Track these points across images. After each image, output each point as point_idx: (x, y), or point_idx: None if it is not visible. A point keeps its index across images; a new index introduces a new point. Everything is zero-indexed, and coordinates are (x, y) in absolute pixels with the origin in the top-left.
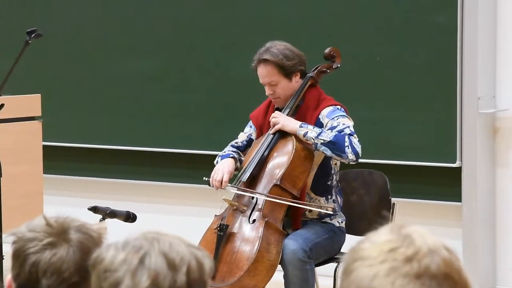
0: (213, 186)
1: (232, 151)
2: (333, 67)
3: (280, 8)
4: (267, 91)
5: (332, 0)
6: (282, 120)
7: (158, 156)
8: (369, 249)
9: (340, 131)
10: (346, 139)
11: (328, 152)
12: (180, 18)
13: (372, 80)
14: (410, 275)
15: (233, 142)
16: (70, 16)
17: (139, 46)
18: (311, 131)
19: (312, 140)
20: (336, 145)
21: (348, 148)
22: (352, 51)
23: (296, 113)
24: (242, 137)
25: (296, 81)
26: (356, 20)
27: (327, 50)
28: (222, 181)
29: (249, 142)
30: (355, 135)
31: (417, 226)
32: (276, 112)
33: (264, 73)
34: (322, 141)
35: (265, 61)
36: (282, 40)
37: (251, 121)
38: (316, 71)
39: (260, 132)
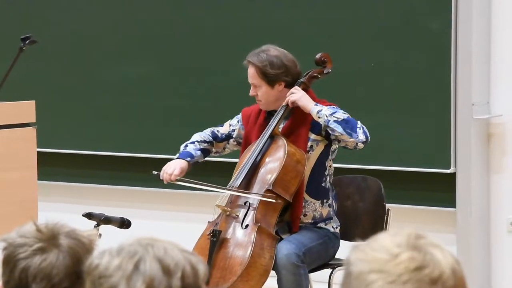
0: (162, 179)
1: (201, 145)
2: (324, 72)
3: (275, 13)
4: (251, 91)
5: (326, 6)
6: (299, 95)
7: (153, 162)
8: (390, 263)
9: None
10: (359, 123)
11: (339, 129)
12: (174, 24)
13: (366, 86)
14: None
15: (215, 129)
16: (64, 22)
17: (133, 52)
18: (326, 109)
19: (325, 117)
20: (349, 123)
21: (360, 129)
22: (346, 57)
23: (290, 117)
24: (225, 129)
25: (279, 90)
26: (350, 26)
27: (318, 56)
28: (172, 174)
29: (228, 137)
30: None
31: (430, 237)
32: (297, 87)
33: (249, 73)
34: (335, 118)
35: (251, 63)
36: (278, 44)
37: (241, 116)
38: (307, 76)
39: (246, 136)
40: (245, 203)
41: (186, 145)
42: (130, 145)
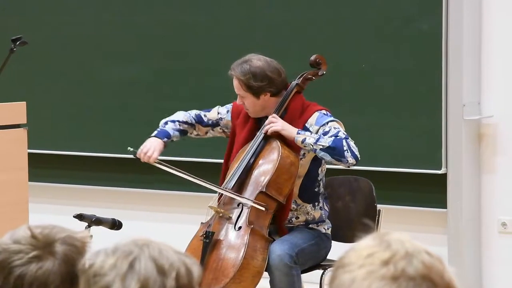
0: (138, 157)
1: (180, 126)
2: (319, 74)
3: (266, 15)
4: (238, 100)
5: (317, 7)
6: (281, 123)
7: (144, 163)
8: (350, 256)
9: (335, 136)
10: (344, 143)
11: (328, 158)
12: (166, 25)
13: (357, 87)
14: (387, 278)
15: (202, 113)
16: (55, 23)
17: (125, 53)
18: (309, 137)
19: (311, 146)
20: (335, 150)
21: (347, 152)
22: (338, 58)
23: None
24: (213, 115)
25: (266, 99)
26: (341, 27)
27: (312, 57)
28: (151, 157)
29: (214, 124)
30: (350, 138)
31: (401, 233)
32: (275, 115)
33: (234, 85)
34: (321, 146)
35: (234, 75)
36: (270, 45)
37: (231, 107)
38: (301, 78)
39: (233, 133)
40: (238, 204)
41: (166, 123)
42: (121, 146)
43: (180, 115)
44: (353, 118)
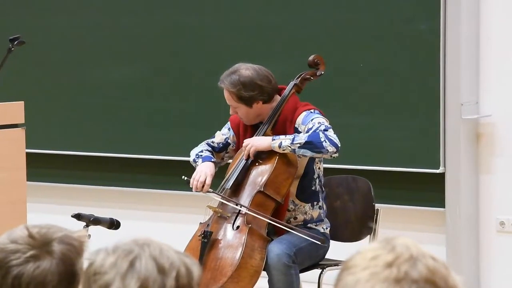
0: (192, 187)
1: (209, 152)
2: (317, 74)
3: (264, 16)
4: (230, 111)
5: (316, 8)
6: (252, 143)
7: (142, 163)
8: (355, 258)
9: (314, 130)
10: (321, 134)
11: (308, 153)
12: (164, 25)
13: (355, 86)
14: (390, 280)
15: (209, 141)
16: (53, 23)
17: (122, 53)
18: (285, 140)
19: (289, 148)
20: (312, 143)
21: (326, 142)
22: (336, 58)
23: (275, 127)
24: (219, 138)
25: (259, 107)
26: (341, 27)
27: (311, 58)
28: (205, 184)
29: (225, 145)
30: (330, 129)
31: (407, 238)
32: (244, 141)
33: (225, 96)
34: (298, 144)
35: (224, 87)
36: (269, 46)
37: (229, 124)
38: (300, 78)
39: (238, 146)
40: (236, 204)
41: (198, 154)
42: (119, 146)
43: (199, 149)
44: (351, 117)
